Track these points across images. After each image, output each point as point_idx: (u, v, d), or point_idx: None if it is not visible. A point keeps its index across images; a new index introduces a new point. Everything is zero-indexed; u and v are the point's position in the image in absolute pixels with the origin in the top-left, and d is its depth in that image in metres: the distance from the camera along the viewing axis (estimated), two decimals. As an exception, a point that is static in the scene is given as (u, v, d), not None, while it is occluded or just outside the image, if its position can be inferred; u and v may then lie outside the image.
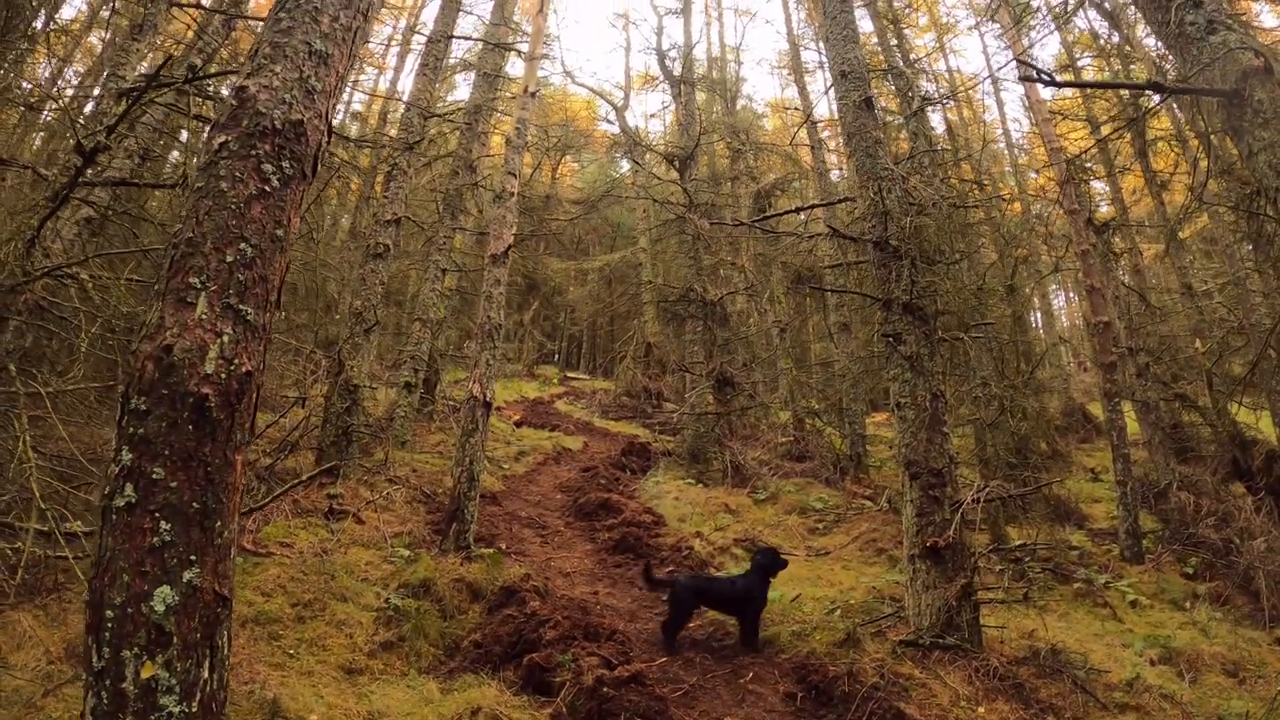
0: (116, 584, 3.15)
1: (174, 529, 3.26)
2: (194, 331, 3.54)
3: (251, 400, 3.69)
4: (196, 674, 3.15)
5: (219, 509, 3.42)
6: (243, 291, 3.76)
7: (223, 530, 3.43)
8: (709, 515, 15.00)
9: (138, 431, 3.36)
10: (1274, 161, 6.21)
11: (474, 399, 11.89)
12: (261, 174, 4.02)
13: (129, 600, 3.12)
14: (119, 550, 3.20)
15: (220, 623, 3.31)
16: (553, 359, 43.14)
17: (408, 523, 12.29)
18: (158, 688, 3.04)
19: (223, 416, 3.51)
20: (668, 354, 29.56)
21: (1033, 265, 26.66)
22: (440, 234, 20.22)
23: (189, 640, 3.16)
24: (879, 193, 10.17)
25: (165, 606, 3.14)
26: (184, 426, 3.40)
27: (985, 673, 7.79)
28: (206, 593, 3.26)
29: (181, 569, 3.23)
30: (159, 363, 3.44)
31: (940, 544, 8.58)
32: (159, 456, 3.33)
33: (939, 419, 9.19)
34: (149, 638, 3.09)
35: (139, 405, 3.40)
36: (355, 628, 8.46)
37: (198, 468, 3.39)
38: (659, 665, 8.28)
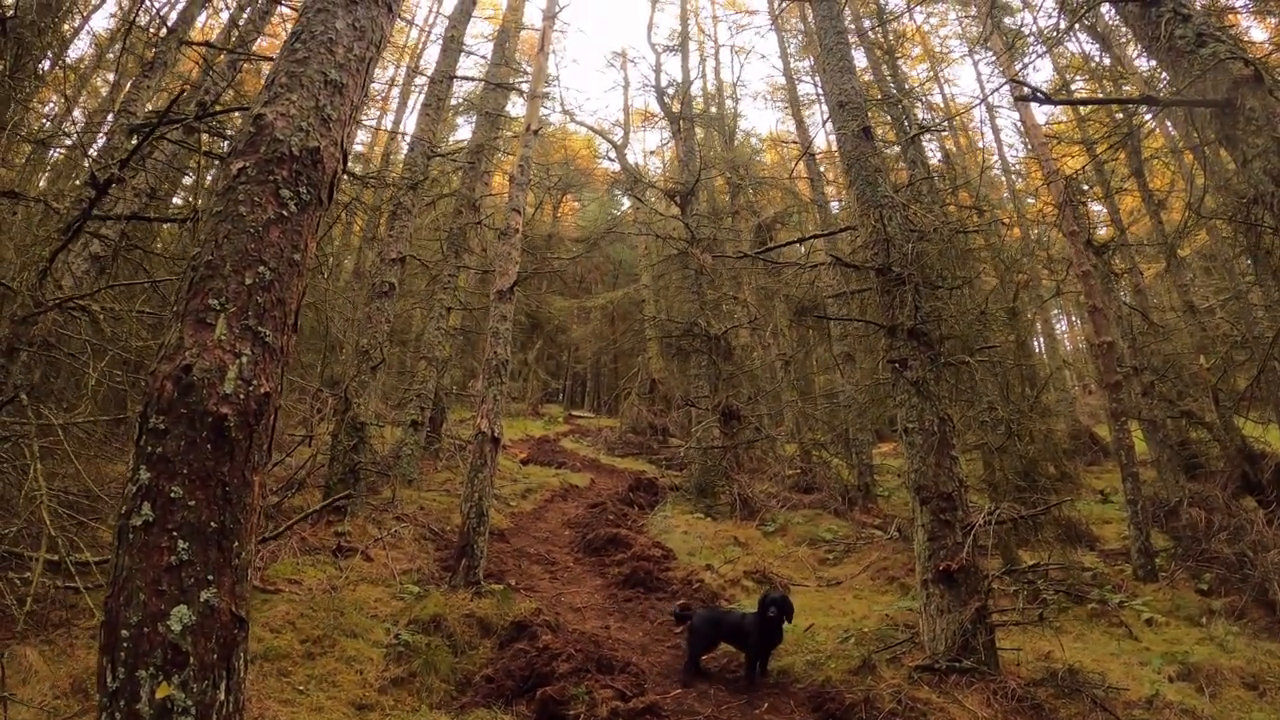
0: (133, 603, 3.12)
1: (192, 548, 3.24)
2: (213, 352, 3.55)
3: (270, 422, 3.69)
4: (213, 696, 3.12)
5: (237, 529, 3.41)
6: (261, 314, 3.77)
7: (240, 551, 3.41)
8: (718, 548, 14.92)
9: (156, 450, 3.35)
10: (1269, 167, 6.27)
11: (482, 434, 11.86)
12: (279, 199, 4.05)
13: (145, 620, 3.09)
14: (135, 569, 3.18)
15: (237, 644, 3.28)
16: (557, 397, 43.12)
17: (416, 560, 12.24)
18: (174, 709, 3.00)
19: (241, 437, 3.50)
20: (672, 389, 29.56)
21: (1034, 290, 26.65)
22: (444, 272, 20.29)
23: (206, 661, 3.12)
24: (880, 220, 10.20)
25: (182, 626, 3.11)
26: (203, 446, 3.39)
27: (1003, 695, 7.71)
28: (224, 613, 3.23)
29: (199, 589, 3.20)
30: (178, 382, 3.44)
31: (953, 567, 8.53)
32: (177, 475, 3.31)
33: (947, 443, 9.16)
34: (165, 658, 3.05)
35: (157, 424, 3.39)
36: (365, 664, 8.40)
37: (216, 487, 3.37)
38: (673, 697, 8.22)
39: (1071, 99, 20.99)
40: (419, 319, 24.68)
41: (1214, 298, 24.96)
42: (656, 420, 30.59)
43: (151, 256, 10.69)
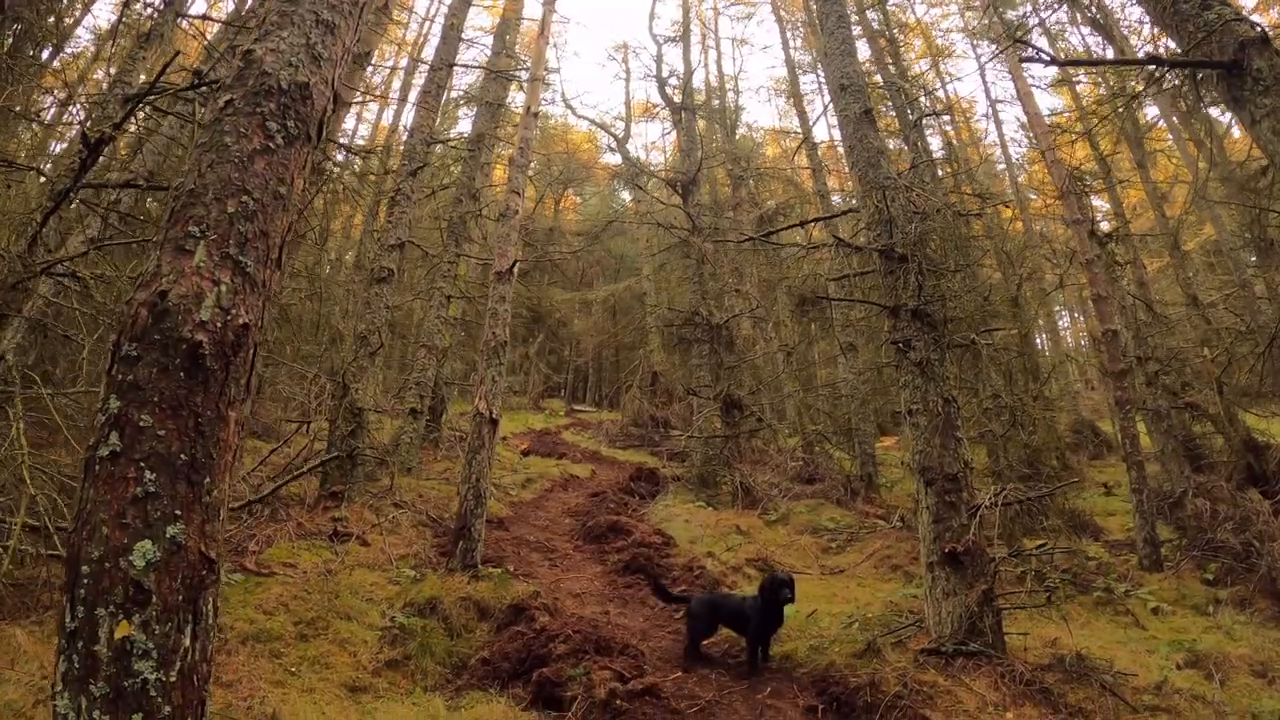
0: (95, 537, 2.96)
1: (159, 480, 3.08)
2: (190, 279, 3.40)
3: (249, 356, 3.54)
4: (177, 640, 2.96)
5: (209, 464, 3.25)
6: (243, 243, 3.64)
7: (212, 488, 3.24)
8: (720, 536, 14.79)
9: (127, 378, 3.20)
10: (1277, 126, 6.17)
11: (480, 416, 11.75)
12: (266, 131, 3.93)
13: (107, 554, 2.93)
14: (100, 502, 3.02)
15: (206, 587, 3.11)
16: (559, 392, 43.01)
17: (414, 545, 12.13)
18: (133, 651, 2.84)
19: (217, 367, 3.36)
20: (674, 382, 29.39)
21: (1036, 282, 26.57)
22: (444, 261, 20.17)
23: (170, 602, 2.96)
24: (883, 200, 10.06)
25: (145, 562, 2.95)
26: (175, 373, 3.24)
27: (1011, 678, 7.57)
28: (191, 552, 3.07)
29: (165, 523, 3.04)
30: (153, 308, 3.29)
31: (959, 549, 8.37)
32: (147, 404, 3.16)
33: (952, 424, 9.01)
34: (126, 595, 2.89)
35: (130, 351, 3.24)
36: (359, 646, 8.30)
37: (188, 417, 3.22)
38: (673, 680, 8.09)
39: (1075, 60, 20.93)
40: (419, 309, 24.53)
41: (1217, 293, 24.91)
42: (658, 413, 30.47)
43: (146, 226, 10.53)
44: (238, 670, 7.19)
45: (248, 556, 10.45)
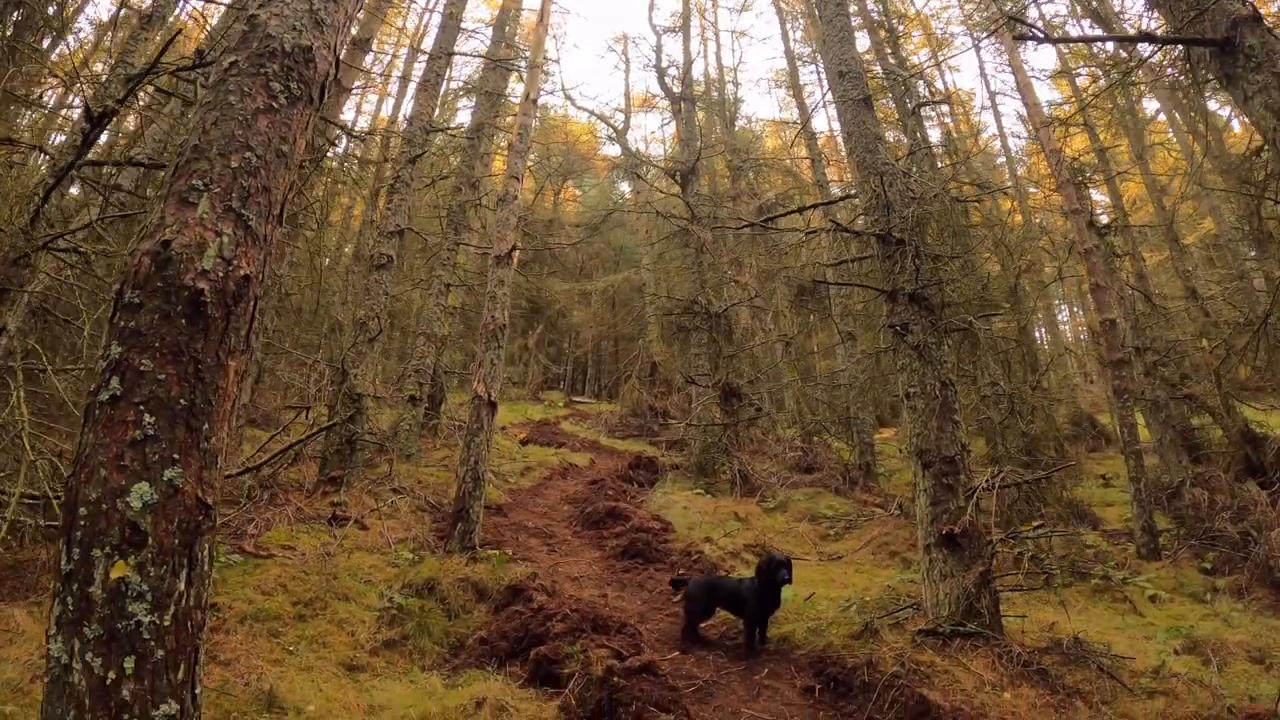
0: (93, 480, 2.97)
1: (158, 423, 3.10)
2: (193, 229, 3.43)
3: (249, 308, 3.56)
4: (172, 583, 2.95)
5: (208, 410, 3.26)
6: (245, 197, 3.66)
7: (210, 435, 3.26)
8: (718, 523, 14.79)
9: (129, 325, 3.23)
10: (1270, 102, 6.24)
11: (479, 399, 11.79)
12: (270, 91, 3.96)
13: (104, 496, 2.94)
14: (99, 445, 3.03)
15: (202, 533, 3.11)
16: (558, 385, 43.00)
17: (412, 529, 12.15)
18: (127, 592, 2.85)
19: (218, 315, 3.38)
20: (673, 373, 29.34)
21: (1035, 275, 26.56)
22: (444, 249, 20.18)
23: (165, 545, 2.97)
24: (880, 185, 10.06)
25: (142, 504, 2.96)
26: (177, 320, 3.26)
27: (1009, 659, 7.57)
28: (188, 496, 3.07)
29: (163, 466, 3.05)
30: (155, 258, 3.31)
31: (956, 531, 8.38)
32: (148, 349, 3.18)
33: (949, 407, 9.02)
34: (122, 536, 2.90)
35: (132, 299, 3.27)
36: (357, 626, 8.33)
37: (188, 363, 3.24)
38: (671, 661, 8.12)
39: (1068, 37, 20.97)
40: (418, 300, 24.51)
41: (1217, 286, 24.91)
42: (657, 403, 30.39)
43: (149, 204, 10.52)
44: (235, 649, 7.21)
45: (246, 539, 10.48)
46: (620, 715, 6.39)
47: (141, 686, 2.83)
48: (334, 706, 6.32)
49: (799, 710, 7.24)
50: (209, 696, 6.19)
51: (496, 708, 6.44)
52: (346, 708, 6.36)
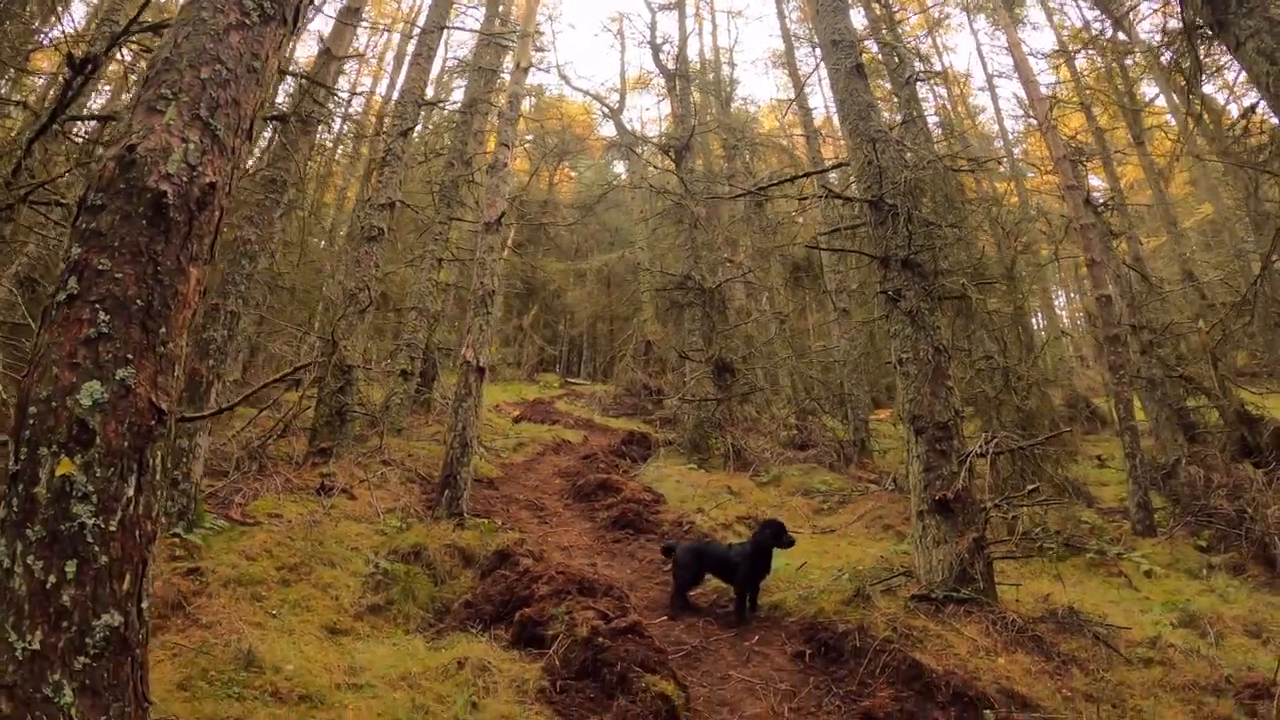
0: (45, 378, 2.91)
1: (113, 323, 3.02)
2: (160, 135, 3.37)
3: (213, 217, 3.50)
4: (119, 487, 2.86)
5: (165, 314, 3.18)
6: (214, 107, 3.61)
7: (167, 340, 3.18)
8: (710, 496, 14.74)
9: (90, 226, 3.16)
10: (1262, 47, 6.17)
11: (467, 364, 11.74)
12: (242, 7, 3.92)
13: (55, 394, 2.87)
14: (53, 344, 2.97)
15: (154, 438, 3.02)
16: (554, 366, 42.92)
17: (401, 499, 12.07)
18: (72, 493, 2.76)
19: (180, 219, 3.31)
20: (667, 352, 29.24)
21: (1032, 257, 26.50)
22: (436, 223, 20.08)
23: (115, 445, 2.87)
24: (873, 151, 9.95)
25: (92, 402, 2.88)
26: (138, 221, 3.19)
27: (1003, 626, 7.49)
28: (141, 398, 2.99)
29: (116, 366, 2.98)
30: (120, 161, 3.25)
31: (949, 497, 8.29)
32: (108, 249, 3.11)
33: (942, 372, 8.93)
34: (70, 434, 2.82)
35: (95, 201, 3.21)
36: (342, 590, 8.26)
37: (148, 264, 3.16)
38: (659, 625, 8.08)
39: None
40: (410, 276, 24.38)
41: (1215, 270, 24.88)
42: (651, 382, 30.38)
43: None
44: (218, 612, 7.12)
45: (234, 508, 10.41)
46: (605, 676, 6.30)
47: (83, 593, 2.74)
48: (313, 666, 6.23)
49: (789, 675, 7.17)
50: (186, 655, 6.10)
51: (478, 668, 6.35)
52: (326, 668, 6.27)
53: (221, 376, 10.03)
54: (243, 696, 5.69)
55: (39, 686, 2.60)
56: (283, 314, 21.46)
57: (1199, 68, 8.50)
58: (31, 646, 2.62)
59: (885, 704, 6.22)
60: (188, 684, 5.71)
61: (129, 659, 2.83)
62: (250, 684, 5.87)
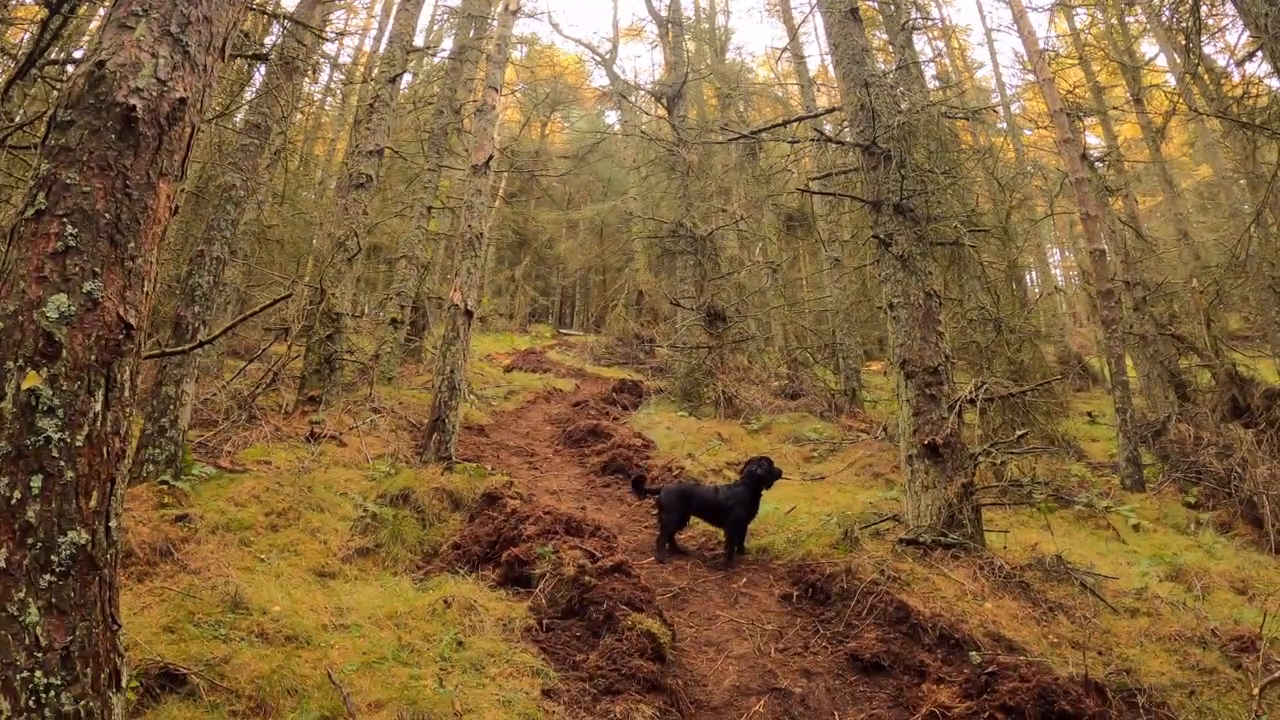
0: (12, 293, 2.86)
1: (81, 236, 2.97)
2: (129, 50, 3.30)
3: (184, 133, 3.44)
4: (86, 402, 2.83)
5: (134, 228, 3.13)
6: (185, 24, 3.52)
7: (136, 254, 3.13)
8: (701, 442, 14.76)
9: (59, 142, 3.10)
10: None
11: (455, 307, 11.73)
12: None
13: (21, 309, 2.82)
14: (20, 260, 2.92)
15: (122, 354, 2.97)
16: (546, 317, 42.91)
17: (391, 445, 12.10)
18: (38, 406, 2.71)
19: (150, 134, 3.25)
20: (660, 301, 29.24)
21: (1027, 213, 26.38)
22: (425, 171, 19.95)
23: (81, 359, 2.84)
24: (866, 96, 9.85)
25: (59, 314, 2.83)
26: (107, 135, 3.13)
27: (990, 571, 7.54)
28: (109, 313, 2.95)
29: (83, 279, 2.92)
30: (89, 77, 3.19)
31: (938, 442, 8.28)
32: (76, 163, 3.05)
33: (933, 317, 8.89)
34: (36, 347, 2.77)
35: (64, 118, 3.14)
36: (330, 535, 8.26)
37: (117, 178, 3.10)
38: (647, 567, 8.09)
39: None
40: (400, 226, 24.26)
41: (1210, 234, 24.83)
42: (643, 331, 30.35)
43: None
44: (205, 558, 7.13)
45: (223, 456, 10.41)
46: (591, 614, 6.31)
47: (48, 509, 2.69)
48: (300, 608, 6.23)
49: (776, 616, 7.19)
50: (173, 599, 6.09)
51: (465, 607, 6.36)
52: (313, 609, 6.27)
53: (207, 323, 9.97)
54: (229, 638, 5.68)
55: (3, 605, 2.57)
56: (271, 266, 21.40)
57: (1199, 26, 8.43)
58: (-4, 563, 2.59)
59: (872, 645, 6.26)
60: (174, 626, 5.70)
61: (96, 578, 2.79)
62: (237, 625, 5.88)
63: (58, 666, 2.63)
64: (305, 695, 4.92)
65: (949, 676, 5.75)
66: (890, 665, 6.08)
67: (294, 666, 5.24)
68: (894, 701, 5.73)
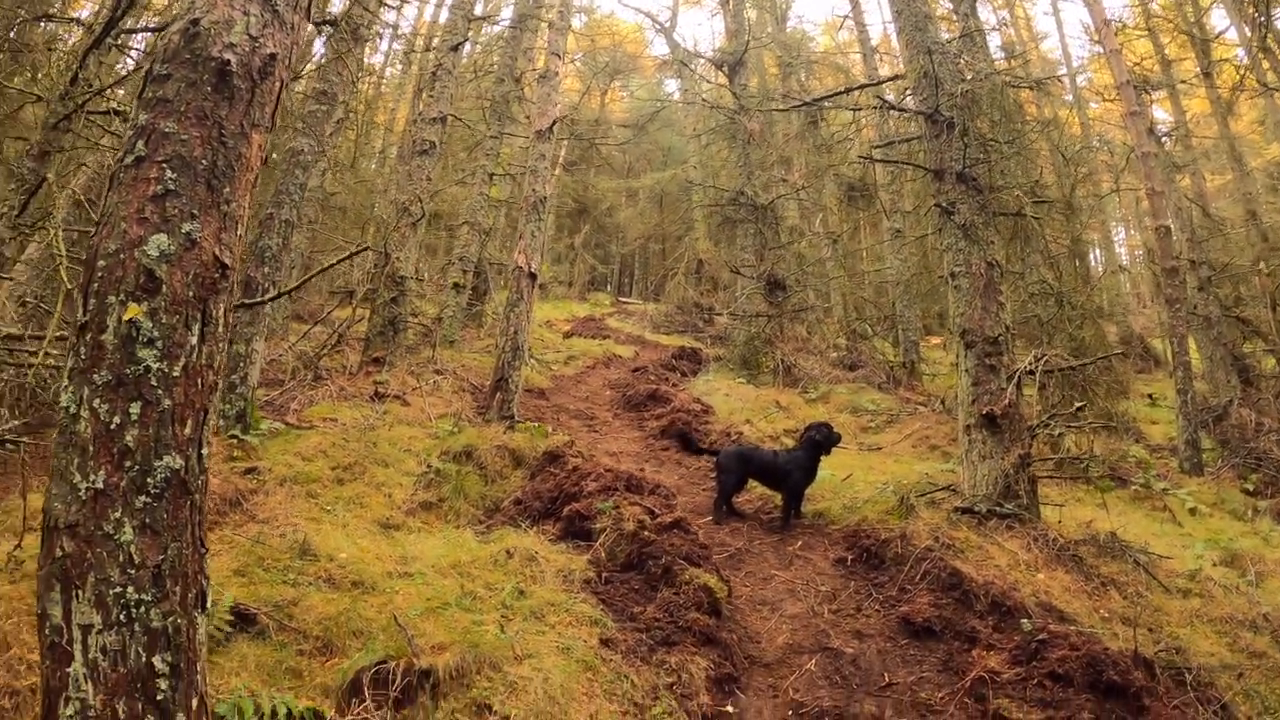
0: (113, 234, 2.98)
1: (179, 180, 3.08)
2: (222, 8, 3.39)
3: (274, 87, 3.55)
4: (183, 334, 2.96)
5: (229, 174, 3.26)
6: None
7: (231, 199, 3.25)
8: (759, 410, 14.77)
9: (156, 94, 3.21)
10: None
11: (519, 269, 11.91)
12: None
13: (123, 248, 2.94)
14: (121, 203, 3.04)
15: (218, 291, 3.11)
16: (605, 285, 42.90)
17: (453, 405, 12.32)
18: (138, 337, 2.85)
19: (243, 86, 3.36)
20: (719, 270, 29.10)
21: (1092, 188, 25.90)
22: (486, 139, 20.08)
23: (179, 294, 2.97)
24: (929, 63, 9.77)
25: (159, 253, 2.95)
26: (203, 87, 3.24)
27: (1044, 543, 7.53)
28: (205, 252, 3.08)
29: (182, 220, 3.04)
30: (184, 34, 3.29)
31: (996, 412, 8.27)
32: (174, 114, 3.16)
33: (994, 287, 8.84)
34: (137, 283, 2.90)
35: (160, 71, 3.25)
36: (395, 489, 8.49)
37: (213, 127, 3.22)
38: (703, 527, 8.16)
39: None
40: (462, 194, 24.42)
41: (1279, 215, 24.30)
42: (702, 300, 30.22)
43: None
44: (274, 508, 7.37)
45: (290, 414, 10.68)
46: (650, 568, 6.44)
47: (146, 434, 2.83)
48: (366, 556, 6.44)
49: (830, 579, 7.27)
50: (242, 546, 6.32)
51: (527, 558, 6.53)
52: (378, 557, 6.48)
53: (277, 284, 10.20)
54: (297, 582, 5.91)
55: (100, 524, 2.72)
56: (335, 232, 21.73)
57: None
58: (95, 485, 2.73)
59: (924, 609, 6.32)
60: (244, 570, 5.93)
61: (188, 502, 2.93)
62: (305, 571, 6.10)
63: (149, 584, 2.76)
64: (370, 637, 5.11)
65: (999, 643, 5.79)
66: (941, 630, 6.13)
67: (360, 610, 5.44)
68: (944, 666, 5.78)
